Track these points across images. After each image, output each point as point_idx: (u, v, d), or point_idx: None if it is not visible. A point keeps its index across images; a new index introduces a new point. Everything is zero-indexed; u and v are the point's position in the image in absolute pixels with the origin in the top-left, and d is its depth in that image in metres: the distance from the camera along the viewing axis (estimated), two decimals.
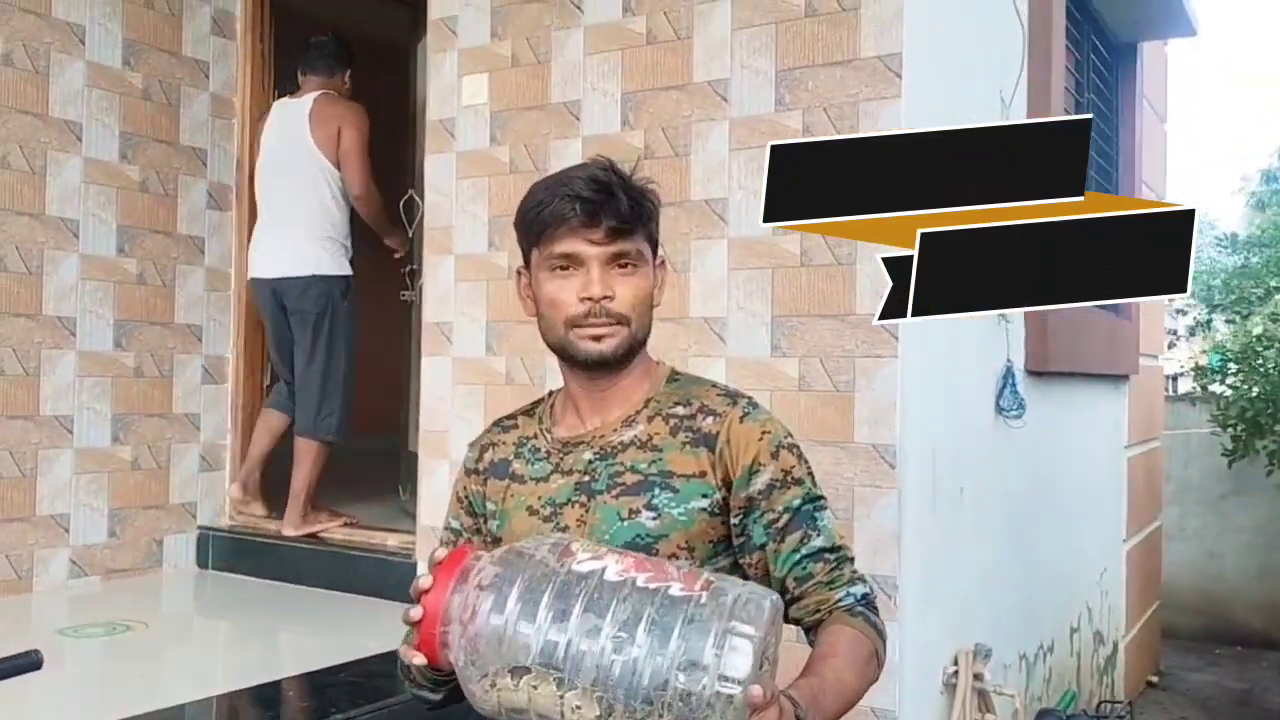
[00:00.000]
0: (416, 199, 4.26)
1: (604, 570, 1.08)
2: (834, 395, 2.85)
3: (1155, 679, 6.02)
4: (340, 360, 4.02)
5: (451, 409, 3.57)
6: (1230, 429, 5.85)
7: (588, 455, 1.41)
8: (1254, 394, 5.68)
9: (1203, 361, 6.17)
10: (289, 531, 3.94)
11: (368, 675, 2.93)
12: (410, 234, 4.38)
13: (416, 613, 1.15)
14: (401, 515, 4.24)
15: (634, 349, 1.41)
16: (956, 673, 3.07)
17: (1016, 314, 3.66)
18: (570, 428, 1.46)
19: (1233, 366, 5.83)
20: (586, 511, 1.37)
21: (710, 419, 1.39)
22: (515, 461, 1.47)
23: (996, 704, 3.31)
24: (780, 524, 1.35)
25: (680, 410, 1.42)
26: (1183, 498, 7.10)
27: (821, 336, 2.87)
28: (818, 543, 1.35)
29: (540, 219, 1.37)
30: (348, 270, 4.06)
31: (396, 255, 4.33)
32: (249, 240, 4.26)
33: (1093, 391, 4.87)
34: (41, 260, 3.69)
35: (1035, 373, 3.84)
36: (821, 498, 1.39)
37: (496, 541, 1.44)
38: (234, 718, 2.61)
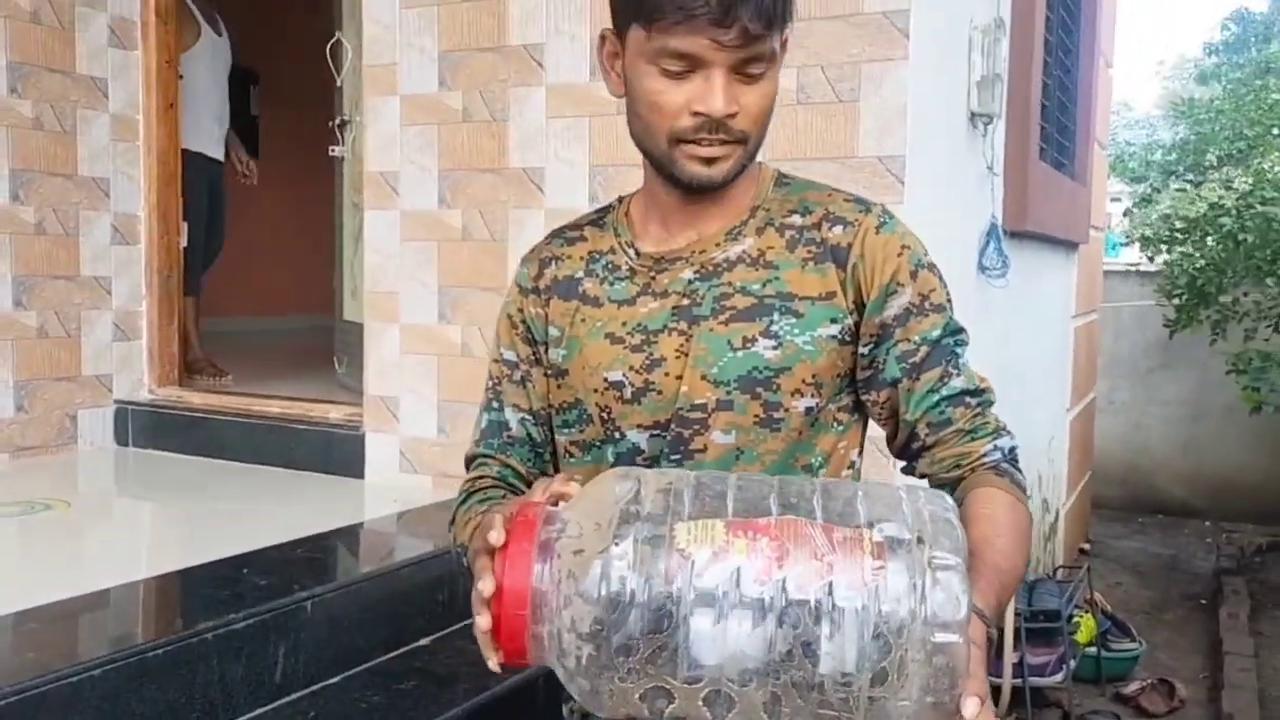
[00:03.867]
0: (345, 42, 3.88)
1: (739, 575, 0.82)
2: None
3: (1087, 546, 6.13)
4: None
5: (400, 267, 3.26)
6: (1176, 298, 5.85)
7: (687, 274, 1.15)
8: (1201, 264, 5.66)
9: (1150, 233, 6.13)
10: None
11: (326, 551, 2.70)
12: (339, 82, 4.00)
13: (489, 586, 0.88)
14: (339, 389, 3.96)
15: (745, 167, 1.13)
16: None
17: (1000, 165, 3.48)
18: (659, 241, 1.18)
19: (1180, 236, 5.79)
20: (688, 340, 1.12)
21: (839, 229, 1.13)
22: (586, 279, 1.20)
23: None
24: (917, 358, 1.11)
25: (798, 219, 1.15)
26: (1112, 371, 7.18)
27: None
28: (958, 383, 1.11)
29: (654, 1, 1.03)
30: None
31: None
32: (158, 84, 3.86)
33: (1051, 257, 4.77)
34: None
35: (1010, 233, 3.69)
36: (962, 330, 1.15)
37: (561, 374, 1.20)
38: (193, 594, 2.35)
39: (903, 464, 1.18)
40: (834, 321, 1.12)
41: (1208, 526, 6.84)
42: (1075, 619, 3.91)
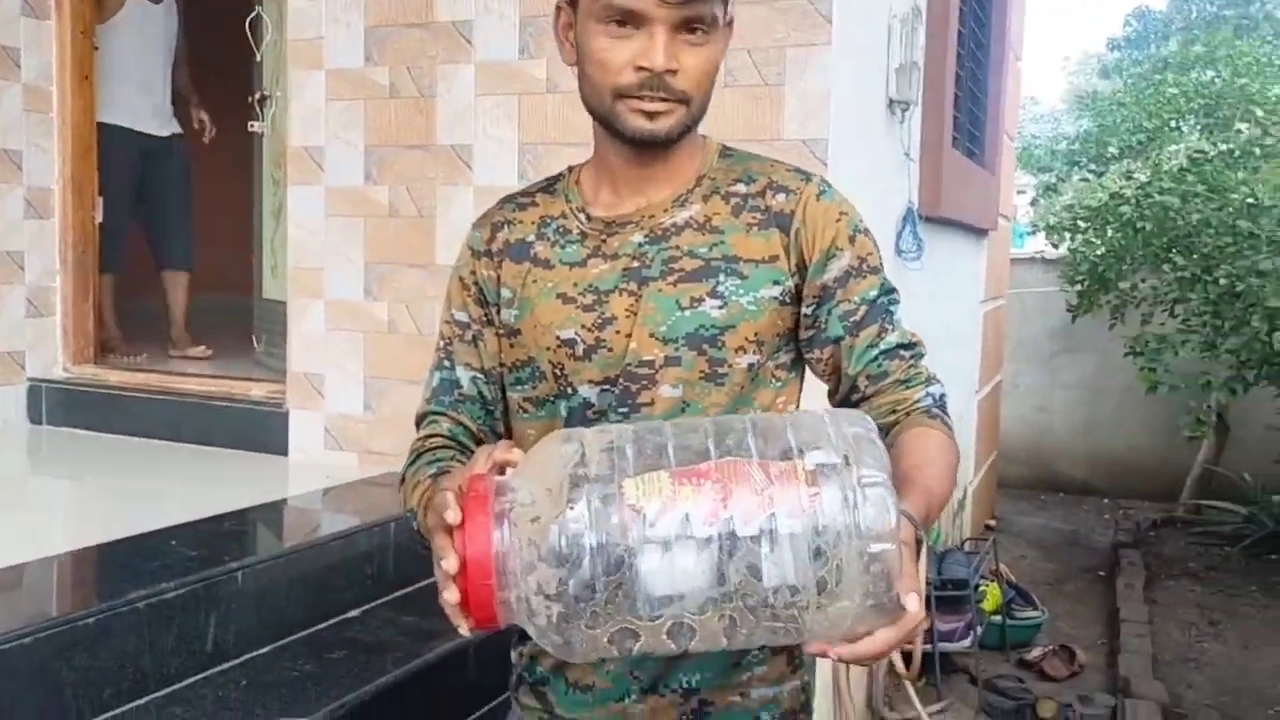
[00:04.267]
0: (265, 17, 3.84)
1: (688, 519, 0.88)
2: None
3: (993, 522, 6.36)
4: None
5: (325, 243, 3.26)
6: (1078, 285, 6.08)
7: (637, 237, 1.21)
8: (1102, 250, 5.90)
9: (1054, 221, 6.37)
10: None
11: (254, 524, 2.70)
12: (259, 57, 3.96)
13: (453, 563, 0.91)
14: (257, 367, 3.93)
15: (689, 129, 1.19)
16: None
17: (916, 152, 3.60)
18: (609, 207, 1.24)
19: (1082, 224, 6.04)
20: (637, 300, 1.18)
21: (782, 196, 1.21)
22: (537, 243, 1.25)
23: None
24: (857, 316, 1.19)
25: (742, 188, 1.22)
26: (1017, 355, 7.43)
27: None
28: (893, 338, 1.20)
29: None
30: None
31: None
32: (72, 55, 3.78)
33: (962, 244, 4.93)
34: None
35: (925, 218, 3.81)
36: (895, 290, 1.24)
37: (514, 333, 1.25)
38: (122, 565, 2.31)
39: None
40: (776, 283, 1.19)
41: (1106, 504, 7.15)
42: (981, 588, 4.08)
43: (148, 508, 2.70)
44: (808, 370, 1.29)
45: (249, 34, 4.02)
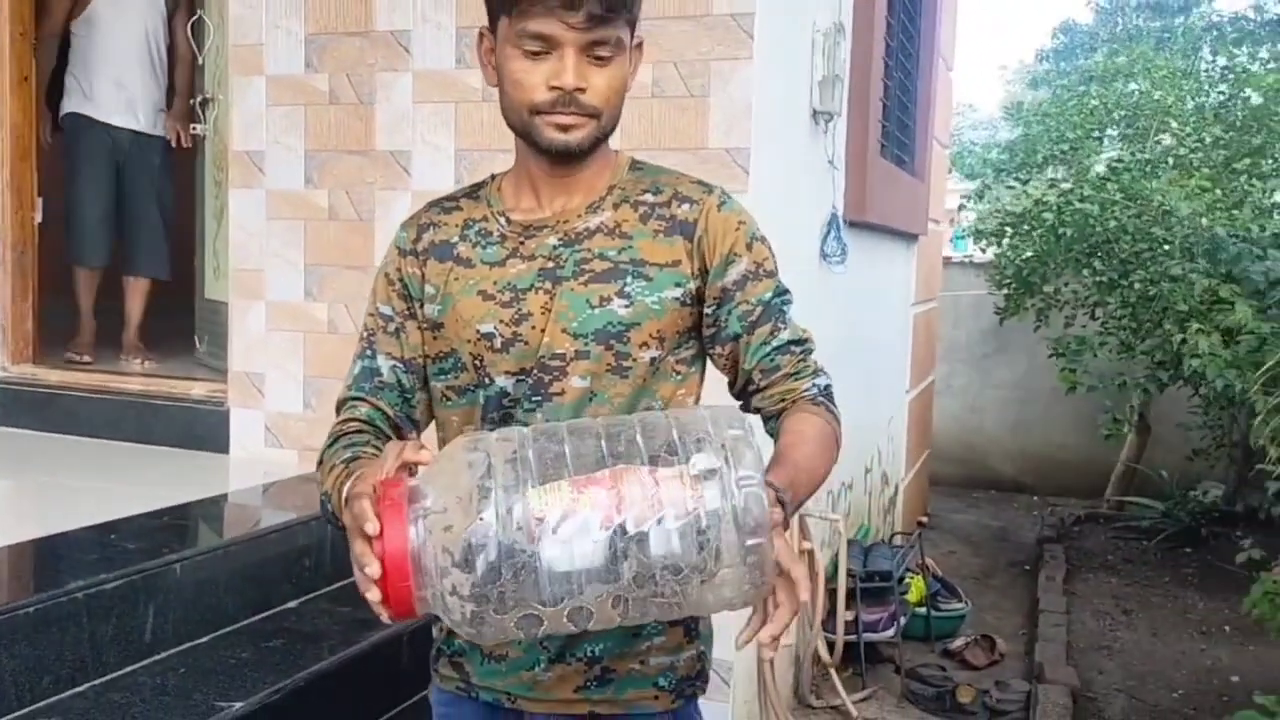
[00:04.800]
0: (206, 20, 3.89)
1: (587, 523, 1.00)
2: None
3: (925, 519, 6.53)
4: None
5: (266, 246, 3.32)
6: (1005, 288, 6.29)
7: (552, 240, 1.33)
8: (1028, 255, 6.11)
9: (983, 226, 6.58)
10: None
11: (193, 518, 2.76)
12: (200, 61, 4.01)
13: (375, 569, 1.01)
14: (198, 367, 3.98)
15: (600, 141, 1.32)
16: None
17: (841, 160, 3.74)
18: (527, 212, 1.36)
19: (1009, 230, 6.25)
20: (552, 298, 1.30)
21: (686, 206, 1.34)
22: (460, 244, 1.36)
23: (813, 530, 3.49)
24: (754, 316, 1.33)
25: (650, 198, 1.35)
26: (950, 356, 7.65)
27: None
28: (785, 336, 1.33)
29: None
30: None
31: None
32: (11, 57, 3.79)
33: (891, 248, 5.10)
34: None
35: (850, 223, 3.96)
36: (788, 291, 1.37)
37: (437, 327, 1.36)
38: (62, 557, 2.38)
39: (740, 402, 1.38)
40: (678, 285, 1.31)
41: (1035, 500, 7.38)
42: (906, 581, 4.23)
43: (88, 504, 2.74)
44: (708, 365, 1.41)
45: (189, 38, 4.08)
